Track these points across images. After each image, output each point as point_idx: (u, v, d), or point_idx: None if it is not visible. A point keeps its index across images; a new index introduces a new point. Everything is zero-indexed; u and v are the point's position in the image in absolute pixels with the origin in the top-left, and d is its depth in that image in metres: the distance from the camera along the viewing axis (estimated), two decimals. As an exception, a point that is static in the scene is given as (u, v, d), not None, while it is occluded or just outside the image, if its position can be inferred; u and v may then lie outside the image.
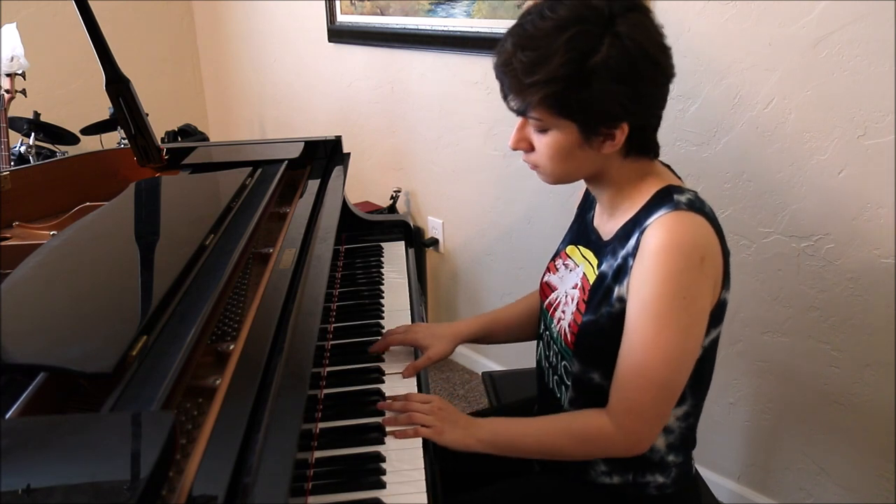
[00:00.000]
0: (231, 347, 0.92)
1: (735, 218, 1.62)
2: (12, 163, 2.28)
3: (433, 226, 2.52)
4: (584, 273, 1.04)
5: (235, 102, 3.47)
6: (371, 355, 1.23)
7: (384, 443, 1.00)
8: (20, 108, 2.45)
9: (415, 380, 1.17)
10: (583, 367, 1.02)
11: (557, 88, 0.88)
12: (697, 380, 1.00)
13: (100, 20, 1.37)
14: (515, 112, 0.96)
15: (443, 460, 1.05)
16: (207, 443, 0.74)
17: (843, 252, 1.46)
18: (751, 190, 1.58)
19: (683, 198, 0.93)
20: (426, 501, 0.91)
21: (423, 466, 0.96)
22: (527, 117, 0.95)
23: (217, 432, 0.76)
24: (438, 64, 2.26)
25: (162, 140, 2.53)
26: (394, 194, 2.56)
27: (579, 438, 0.99)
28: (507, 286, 2.31)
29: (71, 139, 2.60)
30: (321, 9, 2.62)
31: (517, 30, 0.92)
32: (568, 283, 1.08)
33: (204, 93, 3.64)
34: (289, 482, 0.71)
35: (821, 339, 1.54)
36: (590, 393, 1.02)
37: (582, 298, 1.02)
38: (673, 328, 0.90)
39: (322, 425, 1.04)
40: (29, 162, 2.32)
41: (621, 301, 0.95)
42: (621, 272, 0.95)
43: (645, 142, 0.97)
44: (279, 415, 0.80)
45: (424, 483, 0.94)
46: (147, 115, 1.49)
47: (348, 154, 1.73)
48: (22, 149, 2.38)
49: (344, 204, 1.60)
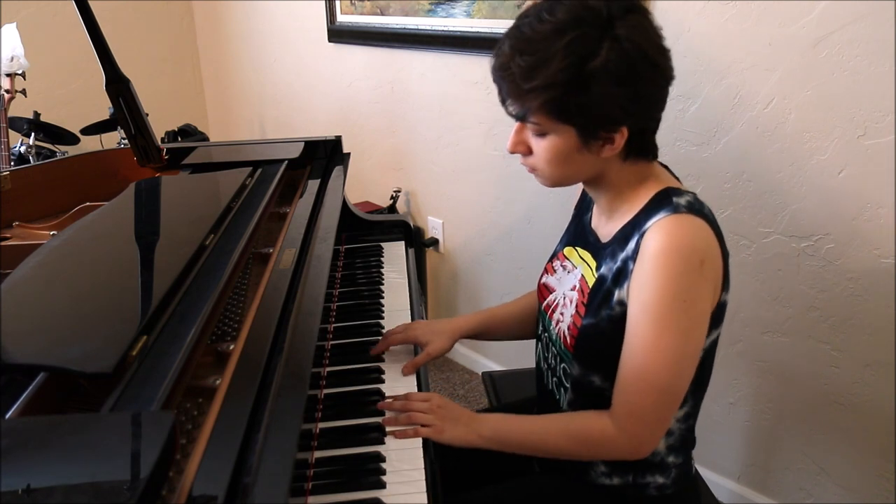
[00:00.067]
0: (231, 347, 0.92)
1: (735, 218, 1.62)
2: (12, 163, 2.28)
3: (433, 226, 2.52)
4: (583, 275, 1.04)
5: (235, 102, 3.47)
6: (371, 355, 1.22)
7: (384, 443, 1.00)
8: (20, 108, 2.45)
9: (414, 379, 1.17)
10: (583, 371, 1.02)
11: (556, 94, 0.87)
12: (697, 381, 1.00)
13: (100, 20, 1.37)
14: (514, 117, 0.95)
15: (443, 460, 1.05)
16: (207, 443, 0.74)
17: (843, 252, 1.46)
18: (751, 190, 1.58)
19: (683, 200, 0.93)
20: (426, 501, 0.91)
21: (423, 466, 0.96)
22: (525, 122, 0.94)
23: (217, 432, 0.76)
24: (438, 64, 2.26)
25: (162, 140, 2.53)
26: (394, 194, 2.56)
27: (581, 440, 0.99)
28: (507, 286, 2.31)
29: (71, 139, 2.60)
30: (321, 9, 2.62)
31: (514, 33, 0.91)
32: (566, 285, 1.08)
33: (204, 93, 3.64)
34: (289, 482, 0.71)
35: (821, 339, 1.54)
36: (589, 396, 1.02)
37: (581, 301, 1.02)
38: (674, 332, 0.90)
39: (322, 425, 1.04)
40: (29, 162, 2.31)
41: (621, 304, 0.95)
42: (621, 275, 0.95)
43: (644, 144, 0.96)
44: (279, 415, 0.80)
45: (424, 483, 0.94)
46: (147, 115, 1.49)
47: (348, 154, 1.73)
48: (22, 149, 2.38)
49: (344, 204, 1.60)
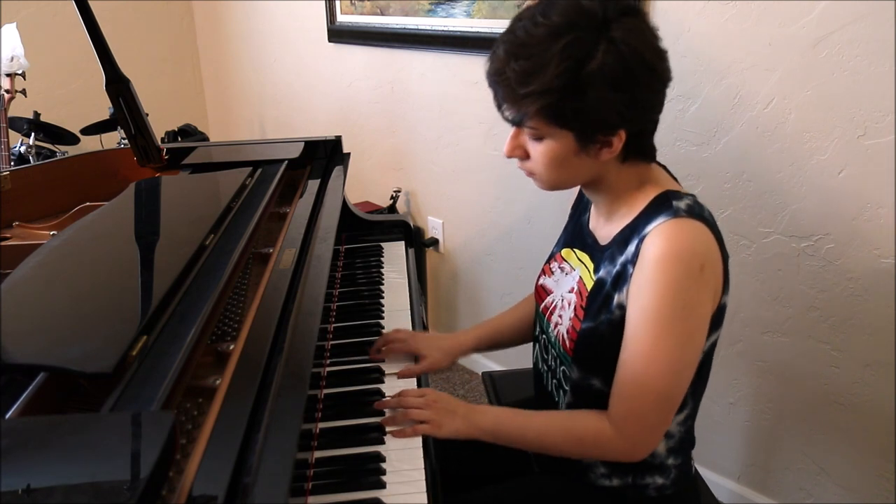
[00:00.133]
0: (231, 347, 0.92)
1: (735, 218, 1.62)
2: (12, 163, 2.28)
3: (433, 226, 2.52)
4: (581, 277, 1.04)
5: (235, 102, 3.47)
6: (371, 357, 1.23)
7: (384, 443, 1.00)
8: (20, 108, 2.45)
9: (414, 379, 1.17)
10: (582, 374, 1.02)
11: (553, 99, 0.86)
12: (696, 382, 0.99)
13: (100, 20, 1.37)
14: (510, 122, 0.94)
15: (443, 460, 1.05)
16: (207, 443, 0.74)
17: (843, 252, 1.46)
18: (751, 190, 1.58)
19: (682, 204, 0.92)
20: (426, 501, 0.91)
21: (423, 466, 0.96)
22: (522, 127, 0.93)
23: (217, 432, 0.76)
24: (438, 64, 2.26)
25: (162, 140, 2.53)
26: (394, 194, 2.56)
27: (578, 439, 0.99)
28: (507, 286, 2.30)
29: (71, 139, 2.60)
30: (321, 9, 2.61)
31: (509, 37, 0.90)
32: (564, 287, 1.07)
33: (204, 93, 3.64)
34: (289, 482, 0.71)
35: (821, 339, 1.54)
36: (589, 399, 1.02)
37: (580, 304, 1.01)
38: (673, 337, 0.90)
39: (322, 425, 1.04)
40: (29, 162, 2.31)
41: (621, 308, 0.94)
42: (620, 279, 0.94)
43: (642, 147, 0.95)
44: (279, 415, 0.80)
45: (424, 483, 0.94)
46: (147, 115, 1.49)
47: (348, 154, 1.73)
48: (22, 149, 2.38)
49: (344, 204, 1.60)
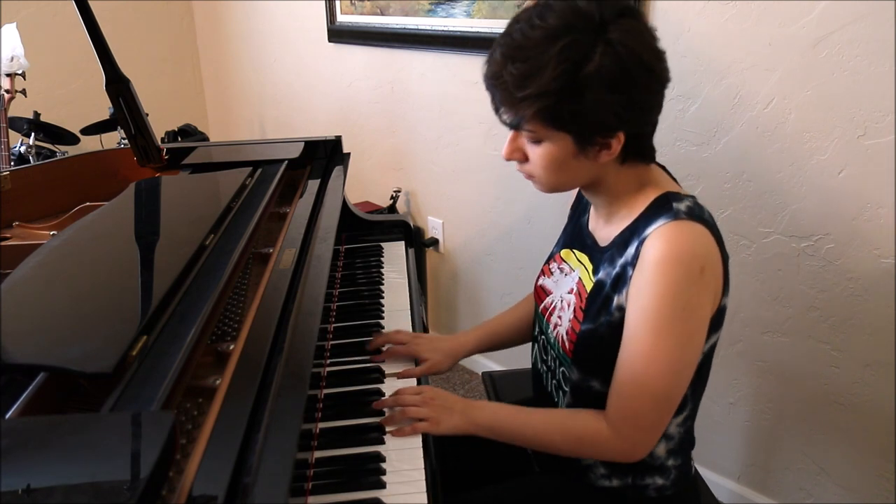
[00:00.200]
0: (231, 347, 0.92)
1: (735, 218, 1.62)
2: (12, 163, 2.28)
3: (433, 226, 2.52)
4: (580, 278, 1.03)
5: (235, 102, 3.47)
6: (371, 355, 1.22)
7: (384, 443, 1.00)
8: (20, 108, 2.45)
9: (414, 379, 1.17)
10: (582, 375, 1.02)
11: (550, 102, 0.86)
12: (696, 383, 0.99)
13: (100, 20, 1.37)
14: (508, 126, 0.94)
15: (443, 460, 1.05)
16: (207, 443, 0.74)
17: (843, 252, 1.46)
18: (751, 190, 1.58)
19: (683, 206, 0.92)
20: (426, 501, 0.91)
21: (423, 466, 0.96)
22: (520, 130, 0.93)
23: (217, 432, 0.76)
24: (438, 64, 2.26)
25: (162, 140, 2.53)
26: (394, 194, 2.56)
27: (576, 438, 0.99)
28: (507, 286, 2.31)
29: (71, 139, 2.60)
30: (321, 9, 2.62)
31: (506, 40, 0.89)
32: (563, 288, 1.07)
33: (204, 93, 3.64)
34: (289, 482, 0.71)
35: (821, 339, 1.54)
36: (589, 400, 1.02)
37: (579, 306, 1.01)
38: (672, 339, 0.90)
39: (322, 425, 1.04)
40: (29, 162, 2.31)
41: (620, 310, 0.94)
42: (620, 281, 0.94)
43: (641, 148, 0.95)
44: (279, 415, 0.80)
45: (424, 483, 0.94)
46: (147, 115, 1.49)
47: (348, 154, 1.73)
48: (22, 149, 2.38)
49: (344, 204, 1.60)
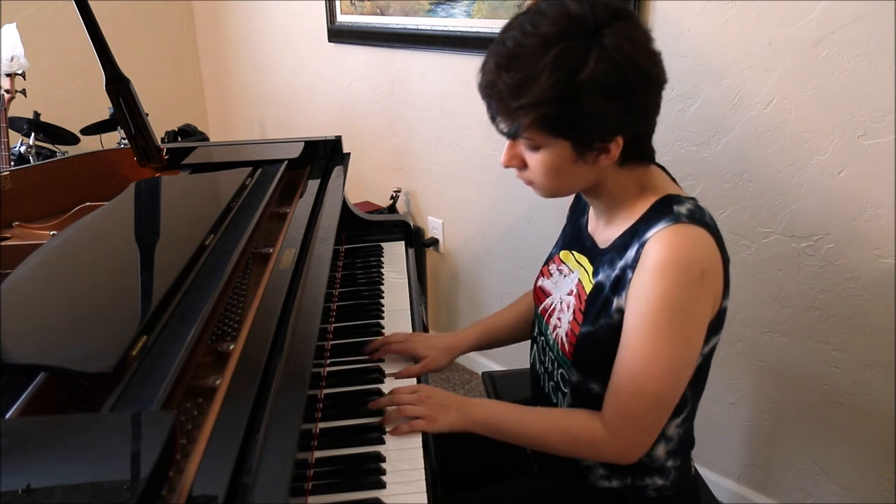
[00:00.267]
0: (231, 347, 0.92)
1: (735, 218, 1.62)
2: (12, 163, 2.28)
3: (433, 226, 2.52)
4: (580, 279, 1.03)
5: (235, 102, 3.47)
6: (366, 352, 1.22)
7: (384, 443, 1.00)
8: (20, 108, 2.45)
9: (414, 379, 1.17)
10: (582, 377, 1.02)
11: (547, 110, 0.85)
12: (695, 385, 0.99)
13: (100, 20, 1.37)
14: (505, 135, 0.93)
15: (443, 460, 1.05)
16: (207, 443, 0.74)
17: (843, 252, 1.46)
18: (751, 190, 1.58)
19: (683, 209, 0.92)
20: (426, 501, 0.91)
21: (423, 466, 0.96)
22: (518, 139, 0.92)
23: (217, 432, 0.76)
24: (438, 64, 2.26)
25: (162, 140, 2.53)
26: (394, 194, 2.56)
27: (572, 438, 0.98)
28: (507, 286, 2.30)
29: (71, 139, 2.60)
30: (321, 9, 2.62)
31: (499, 48, 0.88)
32: (563, 289, 1.07)
33: (204, 93, 3.64)
34: (289, 482, 0.71)
35: (821, 339, 1.54)
36: (589, 402, 1.02)
37: (578, 308, 1.01)
38: (671, 342, 0.90)
39: (322, 425, 1.04)
40: (29, 162, 2.31)
41: (620, 312, 0.94)
42: (619, 283, 0.94)
43: (641, 150, 0.95)
44: (279, 415, 0.80)
45: (424, 483, 0.94)
46: (147, 115, 1.49)
47: (348, 154, 1.73)
48: (22, 149, 2.38)
49: (344, 204, 1.60)
